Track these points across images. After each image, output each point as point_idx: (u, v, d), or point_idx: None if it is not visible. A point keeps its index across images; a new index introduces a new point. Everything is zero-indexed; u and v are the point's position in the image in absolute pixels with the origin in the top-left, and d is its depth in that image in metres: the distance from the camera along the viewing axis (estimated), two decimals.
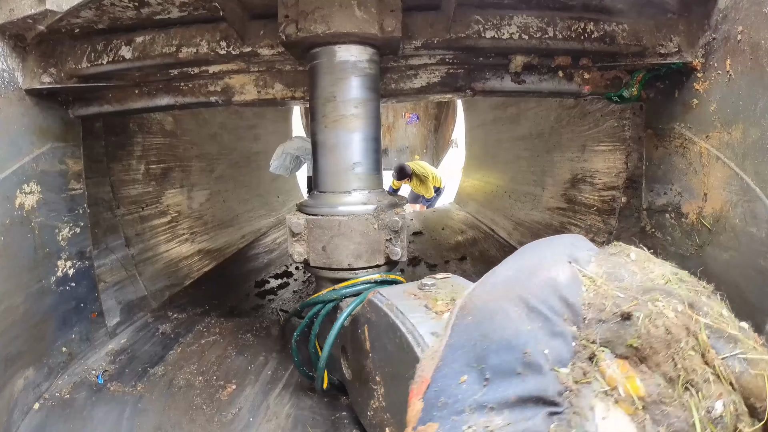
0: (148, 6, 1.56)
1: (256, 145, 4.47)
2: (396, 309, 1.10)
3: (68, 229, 1.87)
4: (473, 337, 0.73)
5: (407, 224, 1.62)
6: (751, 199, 1.34)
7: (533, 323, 0.72)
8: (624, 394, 0.66)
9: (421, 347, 0.92)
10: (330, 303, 1.53)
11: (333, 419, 1.60)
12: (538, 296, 0.74)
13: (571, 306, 0.74)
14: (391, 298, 1.17)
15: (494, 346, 0.71)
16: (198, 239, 3.20)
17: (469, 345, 0.73)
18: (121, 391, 1.77)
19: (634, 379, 0.67)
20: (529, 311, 0.72)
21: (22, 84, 1.67)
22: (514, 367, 0.69)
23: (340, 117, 1.58)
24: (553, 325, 0.72)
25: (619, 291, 0.74)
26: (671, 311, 0.70)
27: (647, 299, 0.72)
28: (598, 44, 1.64)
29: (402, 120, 6.44)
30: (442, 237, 4.28)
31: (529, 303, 0.73)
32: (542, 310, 0.73)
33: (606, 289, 0.75)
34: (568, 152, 2.97)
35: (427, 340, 0.92)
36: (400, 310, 1.09)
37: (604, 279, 0.77)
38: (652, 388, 0.66)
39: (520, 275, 0.79)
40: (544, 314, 0.72)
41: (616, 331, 0.70)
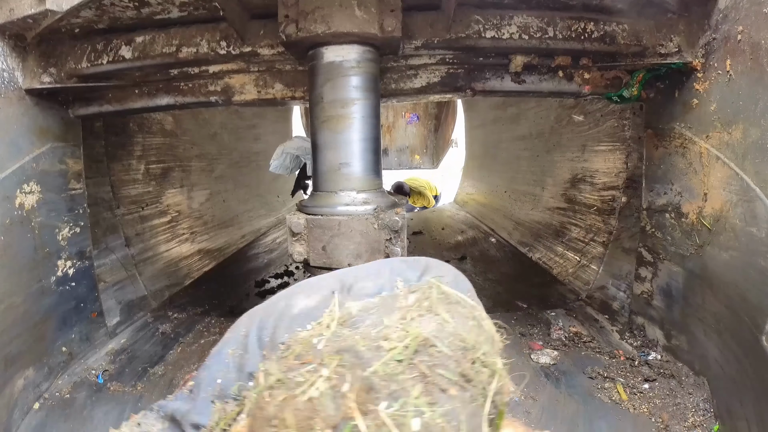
0: (148, 6, 1.56)
1: (256, 144, 4.47)
2: None
3: (68, 228, 1.87)
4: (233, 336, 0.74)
5: (407, 224, 1.62)
6: (751, 199, 1.34)
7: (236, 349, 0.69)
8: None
9: None
10: None
11: None
12: (253, 331, 0.69)
13: (274, 342, 0.65)
14: None
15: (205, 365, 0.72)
16: (198, 239, 3.20)
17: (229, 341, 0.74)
18: (121, 390, 1.77)
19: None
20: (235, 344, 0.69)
21: (22, 84, 1.66)
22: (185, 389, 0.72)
23: (340, 117, 1.58)
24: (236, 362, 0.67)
25: (325, 342, 0.58)
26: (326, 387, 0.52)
27: (328, 361, 0.55)
28: (598, 44, 1.64)
29: (402, 120, 6.44)
30: (442, 237, 4.28)
31: (245, 334, 0.69)
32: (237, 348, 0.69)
33: (322, 333, 0.61)
34: (568, 152, 2.97)
35: None
36: None
37: (342, 320, 0.62)
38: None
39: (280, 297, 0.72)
40: (243, 348, 0.68)
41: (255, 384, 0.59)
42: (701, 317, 1.58)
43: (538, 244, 3.25)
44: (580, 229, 2.75)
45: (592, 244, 2.58)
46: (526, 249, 3.40)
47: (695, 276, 1.62)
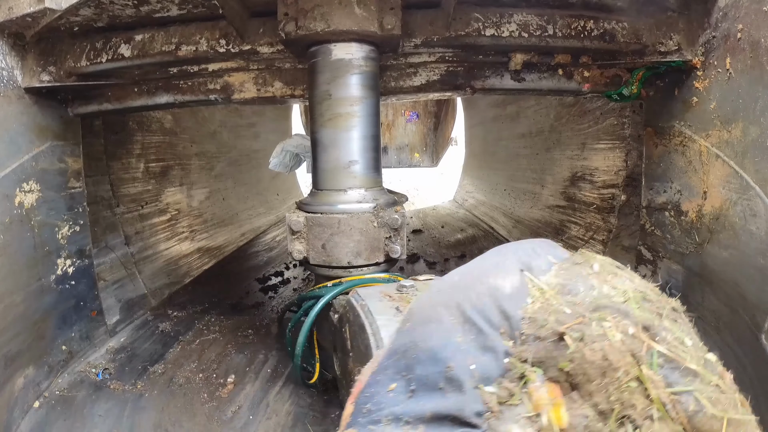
0: (148, 4, 1.55)
1: (256, 143, 4.47)
2: (367, 310, 1.09)
3: (68, 227, 1.87)
4: (406, 343, 0.70)
5: (407, 222, 1.62)
6: (751, 197, 1.34)
7: (465, 335, 0.66)
8: (546, 423, 0.59)
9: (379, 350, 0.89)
10: (324, 297, 1.54)
11: (333, 417, 1.60)
12: (476, 306, 0.69)
13: (510, 319, 0.67)
14: (366, 298, 1.16)
15: (422, 356, 0.67)
16: (197, 237, 3.20)
17: (402, 352, 0.70)
18: (121, 389, 1.77)
19: (560, 408, 0.60)
20: (463, 321, 0.68)
21: (22, 82, 1.66)
22: (437, 381, 0.64)
23: (339, 115, 1.58)
24: (485, 338, 0.66)
25: (567, 306, 0.66)
26: (619, 333, 0.61)
27: (595, 317, 0.63)
28: (598, 42, 1.64)
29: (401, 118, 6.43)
30: (442, 235, 4.28)
31: (465, 312, 0.68)
32: (477, 321, 0.67)
33: (554, 302, 0.67)
34: (568, 150, 2.97)
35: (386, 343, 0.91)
36: (371, 311, 1.08)
37: (555, 291, 0.69)
38: (578, 419, 0.58)
39: (464, 281, 0.74)
40: (479, 326, 0.67)
41: (551, 351, 0.63)
42: (700, 315, 1.58)
43: None
44: (580, 227, 2.75)
45: (591, 242, 2.59)
46: None
47: (694, 274, 1.62)
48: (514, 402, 0.61)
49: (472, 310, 0.68)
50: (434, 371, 0.64)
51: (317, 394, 1.72)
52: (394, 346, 0.71)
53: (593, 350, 0.60)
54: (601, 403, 0.58)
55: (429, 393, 0.64)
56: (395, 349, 0.71)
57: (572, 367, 0.60)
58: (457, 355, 0.64)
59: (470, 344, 0.65)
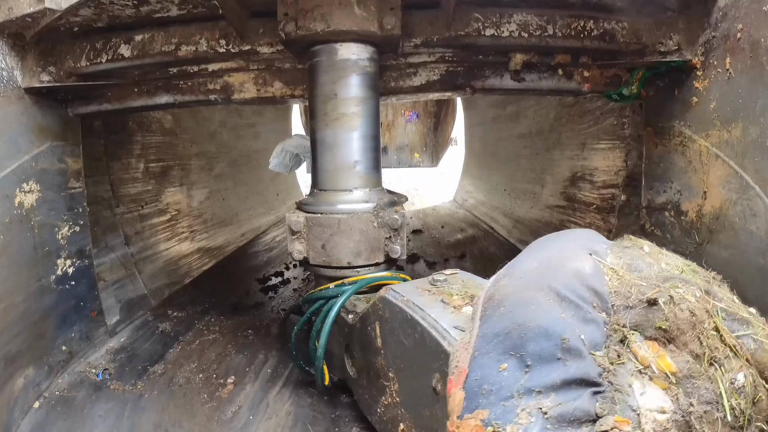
0: (147, 4, 1.55)
1: (256, 143, 4.47)
2: (413, 305, 1.11)
3: (68, 227, 1.87)
4: (507, 326, 0.77)
5: (407, 222, 1.62)
6: (751, 197, 1.34)
7: (566, 311, 0.76)
8: (657, 371, 0.72)
9: (447, 341, 0.94)
10: (333, 298, 1.54)
11: (333, 417, 1.60)
12: (567, 286, 0.78)
13: (599, 294, 0.78)
14: (406, 294, 1.18)
15: (531, 334, 0.74)
16: (197, 237, 3.20)
17: (504, 334, 0.76)
18: (121, 389, 1.77)
19: (665, 357, 0.74)
20: (560, 300, 0.77)
21: (21, 83, 1.66)
22: (554, 353, 0.72)
23: (339, 115, 1.58)
24: (584, 312, 0.76)
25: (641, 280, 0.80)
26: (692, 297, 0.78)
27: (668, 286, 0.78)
28: (598, 42, 1.64)
29: (401, 118, 6.43)
30: (442, 235, 4.28)
31: (559, 293, 0.77)
32: (573, 298, 0.77)
33: (629, 278, 0.81)
34: (568, 150, 2.97)
35: (453, 334, 0.95)
36: (418, 306, 1.10)
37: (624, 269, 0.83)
38: (681, 364, 0.73)
39: (547, 267, 0.83)
40: (575, 303, 0.76)
41: (644, 315, 0.76)
42: None
43: None
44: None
45: None
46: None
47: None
48: (623, 361, 0.73)
49: (565, 290, 0.77)
50: (549, 345, 0.72)
51: (317, 395, 1.72)
52: (492, 330, 0.78)
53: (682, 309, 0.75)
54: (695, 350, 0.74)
55: (548, 364, 0.71)
56: (495, 333, 0.77)
57: (668, 324, 0.75)
58: (568, 329, 0.73)
59: (573, 319, 0.75)
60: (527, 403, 0.70)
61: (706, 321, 0.75)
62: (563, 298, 0.77)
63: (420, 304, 1.11)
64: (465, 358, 0.79)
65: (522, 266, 0.87)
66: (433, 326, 1.02)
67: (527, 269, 0.85)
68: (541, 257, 0.87)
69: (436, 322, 1.02)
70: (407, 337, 1.12)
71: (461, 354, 0.81)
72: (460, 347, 0.83)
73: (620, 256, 0.88)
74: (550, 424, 0.67)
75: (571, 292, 0.78)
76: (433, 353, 0.98)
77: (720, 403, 0.69)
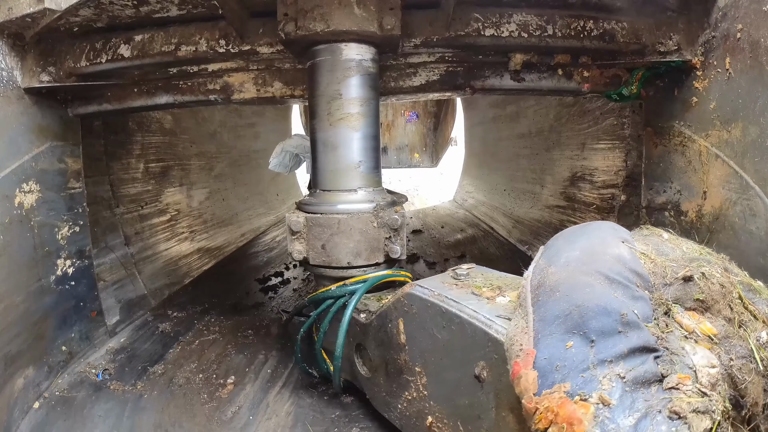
0: (147, 4, 1.55)
1: (256, 143, 4.47)
2: (447, 298, 1.14)
3: (68, 227, 1.87)
4: (566, 308, 0.85)
5: (406, 222, 1.62)
6: (751, 197, 1.34)
7: (617, 291, 0.85)
8: (701, 335, 0.85)
9: (494, 329, 1.00)
10: (341, 299, 1.55)
11: (333, 417, 1.60)
12: (613, 270, 0.88)
13: (641, 275, 0.90)
14: (435, 288, 1.20)
15: (591, 313, 0.82)
16: (197, 238, 3.20)
17: (564, 316, 0.84)
18: (121, 389, 1.77)
19: (705, 323, 0.87)
20: (610, 282, 0.86)
21: (21, 83, 1.66)
22: (615, 328, 0.81)
23: (339, 115, 1.58)
24: (632, 291, 0.87)
25: (671, 261, 0.94)
26: (717, 272, 0.92)
27: (695, 265, 0.93)
28: (598, 42, 1.64)
29: (401, 118, 6.43)
30: (442, 235, 4.28)
31: (608, 276, 0.87)
32: (620, 280, 0.87)
33: (660, 261, 0.94)
34: (568, 150, 2.97)
35: (499, 323, 1.00)
36: (453, 299, 1.13)
37: (654, 254, 0.96)
38: (719, 328, 0.86)
39: (590, 254, 0.93)
40: (623, 283, 0.87)
41: (681, 290, 0.90)
42: None
43: (538, 243, 3.25)
44: None
45: None
46: (525, 247, 3.40)
47: None
48: (671, 329, 0.85)
49: (612, 274, 0.87)
50: (609, 321, 0.81)
51: (317, 395, 1.72)
52: (551, 313, 0.86)
53: (713, 283, 0.90)
54: (727, 315, 0.88)
55: (611, 338, 0.80)
56: (555, 316, 0.85)
57: (704, 296, 0.89)
58: (623, 306, 0.83)
59: (624, 297, 0.85)
60: (604, 372, 0.78)
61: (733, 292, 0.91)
62: (612, 281, 0.87)
63: (454, 297, 1.14)
64: (528, 341, 0.86)
65: (565, 255, 0.95)
66: (474, 317, 1.05)
67: (572, 258, 0.93)
68: (581, 247, 0.96)
69: (477, 312, 1.06)
70: (441, 330, 1.14)
71: (522, 338, 0.88)
72: (518, 332, 0.89)
73: (646, 243, 1.02)
74: (628, 386, 0.76)
75: (618, 274, 0.88)
76: (477, 342, 1.03)
77: (752, 357, 0.83)
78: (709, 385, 0.77)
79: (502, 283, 1.23)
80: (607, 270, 0.88)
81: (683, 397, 0.74)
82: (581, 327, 0.82)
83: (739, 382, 0.81)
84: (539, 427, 0.78)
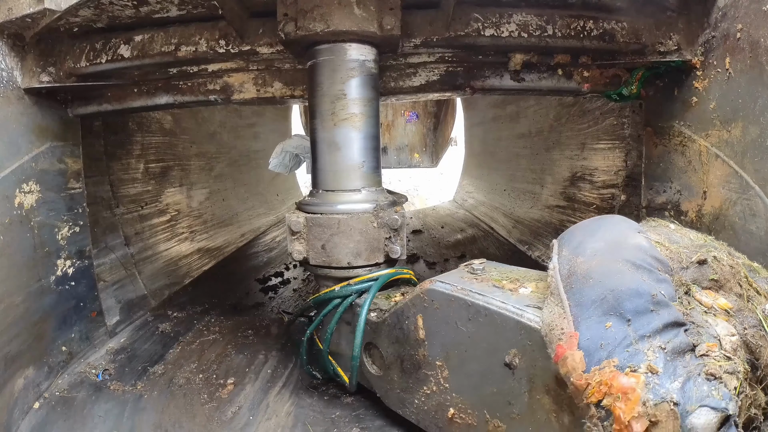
0: (147, 4, 1.55)
1: (256, 143, 4.47)
2: (472, 292, 1.19)
3: (68, 228, 1.87)
4: (601, 293, 0.94)
5: (406, 222, 1.62)
6: (751, 197, 1.34)
7: (644, 276, 0.95)
8: (719, 309, 0.97)
9: (526, 317, 1.05)
10: (348, 298, 1.55)
11: (333, 417, 1.60)
12: (637, 257, 0.98)
13: (661, 261, 1.00)
14: (457, 283, 1.24)
15: (625, 295, 0.92)
16: (197, 238, 3.20)
17: (600, 300, 0.93)
18: (121, 389, 1.77)
19: (721, 299, 0.99)
20: (636, 268, 0.96)
21: (21, 83, 1.66)
22: (647, 307, 0.91)
23: (339, 115, 1.58)
24: (656, 275, 0.96)
25: (683, 248, 1.06)
26: (725, 256, 1.05)
27: (705, 250, 1.05)
28: (598, 42, 1.64)
29: (401, 118, 6.43)
30: (442, 235, 4.29)
31: (634, 263, 0.97)
32: (645, 266, 0.97)
33: (674, 248, 1.06)
34: (568, 150, 2.97)
35: (530, 312, 1.06)
36: (478, 293, 1.18)
37: (666, 242, 1.07)
38: (732, 302, 0.99)
39: (614, 245, 1.02)
40: (648, 269, 0.96)
41: (697, 272, 1.02)
42: None
43: (538, 243, 3.25)
44: None
45: None
46: (525, 247, 3.40)
47: None
48: (692, 306, 0.96)
49: (637, 260, 0.97)
50: (642, 301, 0.91)
51: (317, 395, 1.72)
52: (587, 298, 0.95)
53: (724, 265, 1.03)
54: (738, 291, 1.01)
55: (645, 315, 0.90)
56: (591, 300, 0.94)
57: (718, 276, 1.02)
58: (652, 288, 0.93)
59: (651, 280, 0.95)
60: (646, 345, 0.87)
61: (741, 271, 1.03)
62: (638, 266, 0.96)
63: (478, 290, 1.19)
64: (568, 324, 0.95)
65: (590, 246, 1.04)
66: (503, 308, 1.11)
67: (598, 248, 1.03)
68: (603, 238, 1.05)
69: (505, 303, 1.11)
70: (467, 323, 1.18)
71: (561, 323, 0.96)
72: (555, 318, 0.98)
73: (658, 233, 1.13)
74: (668, 356, 0.86)
75: (642, 261, 0.97)
76: (508, 332, 1.08)
77: (761, 326, 0.95)
78: (732, 350, 0.89)
79: (519, 276, 1.30)
80: (632, 257, 0.98)
81: (713, 361, 0.85)
82: (617, 309, 0.91)
83: (754, 347, 0.94)
84: (592, 400, 0.87)
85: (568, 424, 0.99)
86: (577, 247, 1.06)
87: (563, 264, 1.05)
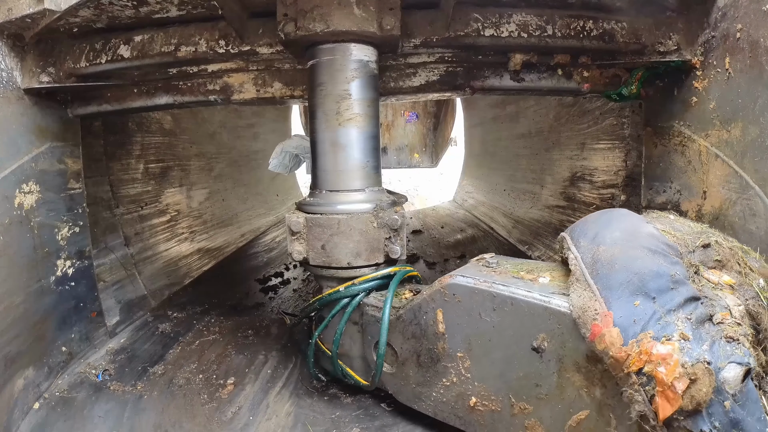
0: (147, 5, 1.55)
1: (256, 143, 4.47)
2: (496, 284, 1.25)
3: (67, 228, 1.86)
4: (627, 276, 1.05)
5: (406, 222, 1.62)
6: (750, 197, 1.34)
7: (661, 259, 1.07)
8: (724, 285, 1.10)
9: (554, 303, 1.14)
10: (357, 297, 1.56)
11: (333, 417, 1.60)
12: (652, 244, 1.10)
13: (671, 246, 1.12)
14: (478, 276, 1.30)
15: (648, 277, 1.04)
16: (197, 238, 3.20)
17: (626, 282, 1.05)
18: (121, 390, 1.77)
19: (724, 277, 1.13)
20: (653, 253, 1.08)
21: (21, 83, 1.66)
22: (668, 285, 1.03)
23: (344, 116, 1.58)
24: (670, 259, 1.08)
25: (687, 235, 1.19)
26: (723, 240, 1.20)
27: (705, 236, 1.19)
28: (597, 42, 1.64)
29: (401, 118, 6.42)
30: (442, 235, 4.28)
31: (650, 249, 1.09)
32: (660, 251, 1.09)
33: (679, 235, 1.18)
34: (567, 150, 2.97)
35: (556, 299, 1.15)
36: (501, 284, 1.25)
37: (671, 230, 1.19)
38: (734, 279, 1.13)
39: (629, 234, 1.14)
40: (662, 253, 1.09)
41: (703, 254, 1.16)
42: None
43: (538, 243, 3.25)
44: None
45: None
46: (525, 247, 3.40)
47: None
48: (702, 284, 1.09)
49: (653, 247, 1.09)
50: (663, 281, 1.04)
51: (317, 395, 1.72)
52: (615, 281, 1.06)
53: (725, 247, 1.17)
54: (737, 269, 1.15)
55: (667, 293, 1.03)
56: (619, 283, 1.05)
57: (721, 257, 1.15)
58: (670, 269, 1.05)
59: (667, 263, 1.07)
60: (674, 317, 0.99)
61: (739, 253, 1.18)
62: (654, 252, 1.08)
63: (502, 282, 1.26)
64: (601, 306, 1.05)
65: (609, 236, 1.15)
66: (530, 296, 1.18)
67: (616, 237, 1.14)
68: (619, 228, 1.17)
69: (530, 292, 1.19)
70: (491, 313, 1.25)
71: (593, 305, 1.06)
72: (586, 301, 1.08)
73: (662, 222, 1.25)
74: (694, 325, 0.99)
75: (656, 247, 1.09)
76: (536, 318, 1.16)
77: (759, 297, 1.10)
78: (740, 317, 1.03)
79: (532, 267, 1.36)
80: (648, 244, 1.10)
81: (729, 327, 0.99)
82: (642, 289, 1.03)
83: (755, 314, 1.07)
84: (633, 369, 0.97)
85: (599, 396, 1.09)
86: (595, 238, 1.17)
87: (585, 253, 1.15)
